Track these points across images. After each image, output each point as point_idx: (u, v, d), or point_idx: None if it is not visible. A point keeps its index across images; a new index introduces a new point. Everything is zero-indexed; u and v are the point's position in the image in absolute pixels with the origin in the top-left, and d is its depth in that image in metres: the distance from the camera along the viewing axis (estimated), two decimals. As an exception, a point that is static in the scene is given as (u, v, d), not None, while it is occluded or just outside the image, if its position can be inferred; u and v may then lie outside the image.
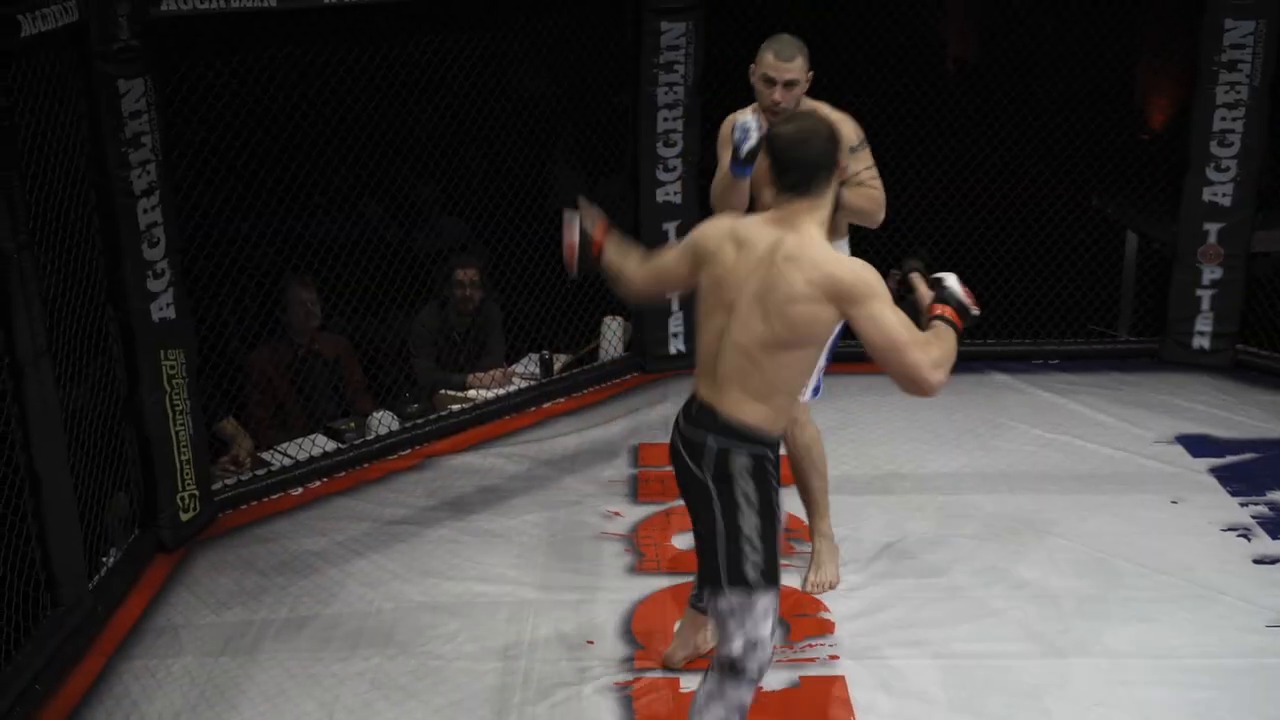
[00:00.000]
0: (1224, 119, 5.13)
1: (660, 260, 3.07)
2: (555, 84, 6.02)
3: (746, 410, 2.80)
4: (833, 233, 3.28)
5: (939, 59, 8.02)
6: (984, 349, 5.53)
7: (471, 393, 5.15)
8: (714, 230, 2.88)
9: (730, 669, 2.82)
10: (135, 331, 3.92)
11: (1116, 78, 6.94)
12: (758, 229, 2.80)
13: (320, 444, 4.70)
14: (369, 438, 4.78)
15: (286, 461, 4.60)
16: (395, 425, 4.87)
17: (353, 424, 4.80)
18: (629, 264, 3.15)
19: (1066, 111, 5.98)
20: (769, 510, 2.82)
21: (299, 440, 4.69)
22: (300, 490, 4.52)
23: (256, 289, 4.76)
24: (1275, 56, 5.08)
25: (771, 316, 2.72)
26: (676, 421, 2.95)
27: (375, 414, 4.90)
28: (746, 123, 3.43)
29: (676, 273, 2.99)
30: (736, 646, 2.81)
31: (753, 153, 3.42)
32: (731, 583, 2.80)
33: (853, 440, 4.82)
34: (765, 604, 2.81)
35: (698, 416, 2.87)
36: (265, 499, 4.45)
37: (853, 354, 3.38)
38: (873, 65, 6.06)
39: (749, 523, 2.80)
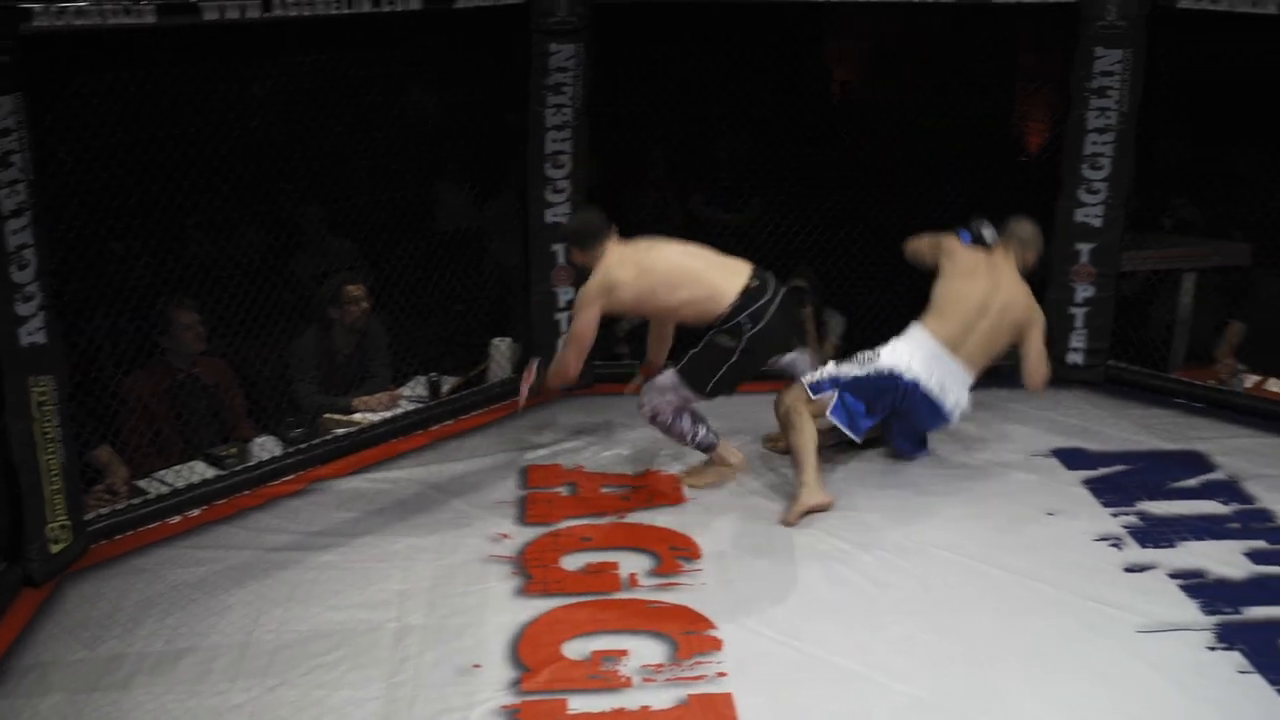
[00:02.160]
0: (1094, 143, 5.30)
1: None
2: (444, 103, 6.00)
3: None
4: None
5: (825, 85, 8.20)
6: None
7: (357, 416, 5.08)
8: None
9: None
10: (1, 357, 3.80)
11: (995, 103, 7.15)
12: None
13: (200, 471, 4.60)
14: (250, 463, 4.69)
15: (164, 489, 4.48)
16: (278, 450, 4.78)
17: (234, 450, 4.70)
18: None
19: (947, 135, 6.14)
20: None
21: (177, 467, 4.58)
22: (179, 518, 4.41)
23: (133, 313, 4.64)
24: (1142, 83, 5.27)
25: None
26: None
27: (257, 439, 4.81)
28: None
29: None
30: None
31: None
32: None
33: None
34: None
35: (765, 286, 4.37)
36: (142, 528, 4.33)
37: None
38: (760, 91, 6.16)
39: None
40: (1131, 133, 5.29)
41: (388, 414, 5.12)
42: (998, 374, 5.29)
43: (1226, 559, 4.15)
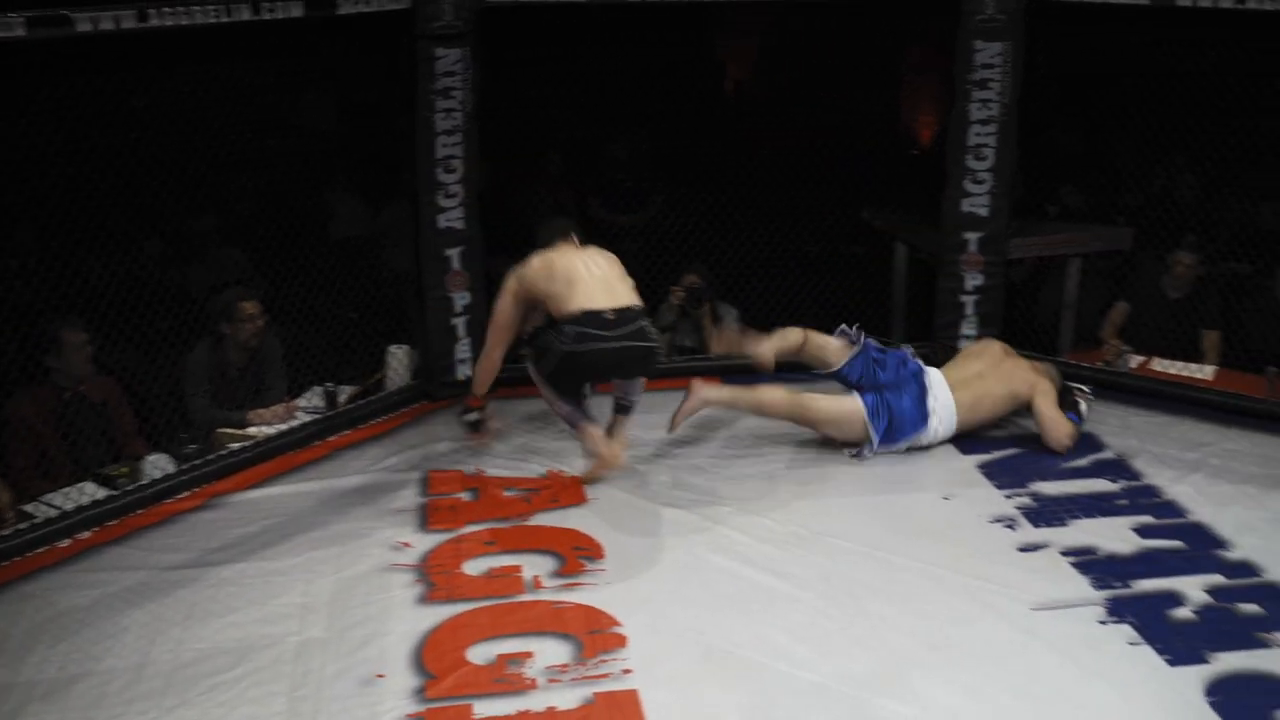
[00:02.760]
0: (978, 134, 5.42)
1: None
2: (334, 111, 5.96)
3: None
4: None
5: (718, 81, 8.28)
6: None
7: (252, 430, 5.01)
8: None
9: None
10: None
11: (884, 97, 7.28)
12: None
13: (89, 492, 4.49)
14: (143, 482, 4.59)
15: (52, 513, 4.36)
16: (171, 468, 4.69)
17: (125, 469, 4.60)
18: None
19: (840, 130, 6.25)
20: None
21: (66, 489, 4.46)
22: (69, 542, 4.30)
23: (14, 331, 4.52)
24: (1023, 75, 5.40)
25: None
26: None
27: (149, 457, 4.71)
28: None
29: None
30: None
31: None
32: None
33: (633, 456, 4.90)
34: None
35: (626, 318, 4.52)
36: (29, 554, 4.21)
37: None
38: (653, 87, 6.21)
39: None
40: (1013, 123, 5.41)
41: (284, 426, 5.05)
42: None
43: (1116, 535, 4.27)
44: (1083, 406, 5.10)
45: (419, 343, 5.47)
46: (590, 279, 4.58)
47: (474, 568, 4.10)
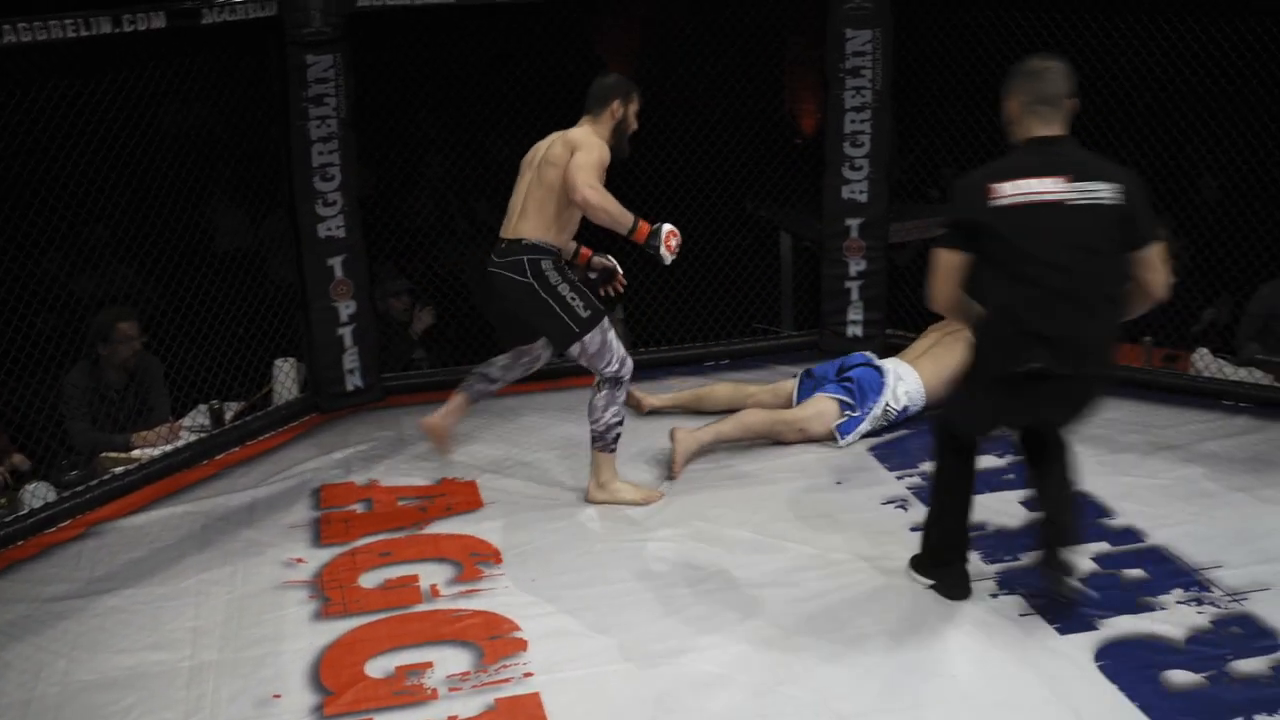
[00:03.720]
0: (854, 121, 5.51)
1: None
2: (209, 121, 5.83)
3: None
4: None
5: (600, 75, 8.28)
6: (658, 356, 5.73)
7: (136, 452, 4.90)
8: None
9: (613, 382, 4.34)
10: None
11: (766, 88, 7.33)
12: None
13: (-36, 527, 4.36)
14: (22, 512, 4.46)
15: (-76, 551, 4.24)
16: (52, 496, 4.57)
17: (1, 500, 4.47)
18: None
19: (723, 121, 6.28)
20: (571, 280, 4.29)
21: (-63, 526, 4.33)
22: (-57, 579, 4.18)
23: None
24: (894, 61, 5.49)
25: None
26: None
27: (28, 486, 4.58)
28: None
29: None
30: (611, 368, 4.30)
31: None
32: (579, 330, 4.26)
33: (521, 456, 4.92)
34: (605, 334, 4.28)
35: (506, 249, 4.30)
36: (-99, 594, 4.08)
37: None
38: (535, 83, 6.18)
39: (564, 290, 4.26)
40: (888, 109, 5.51)
41: (169, 447, 4.95)
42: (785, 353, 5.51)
43: (1004, 509, 4.36)
44: None
45: (306, 355, 5.40)
46: (513, 196, 4.42)
47: (370, 580, 4.06)
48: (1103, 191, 3.40)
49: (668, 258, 4.26)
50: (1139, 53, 5.37)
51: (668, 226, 4.25)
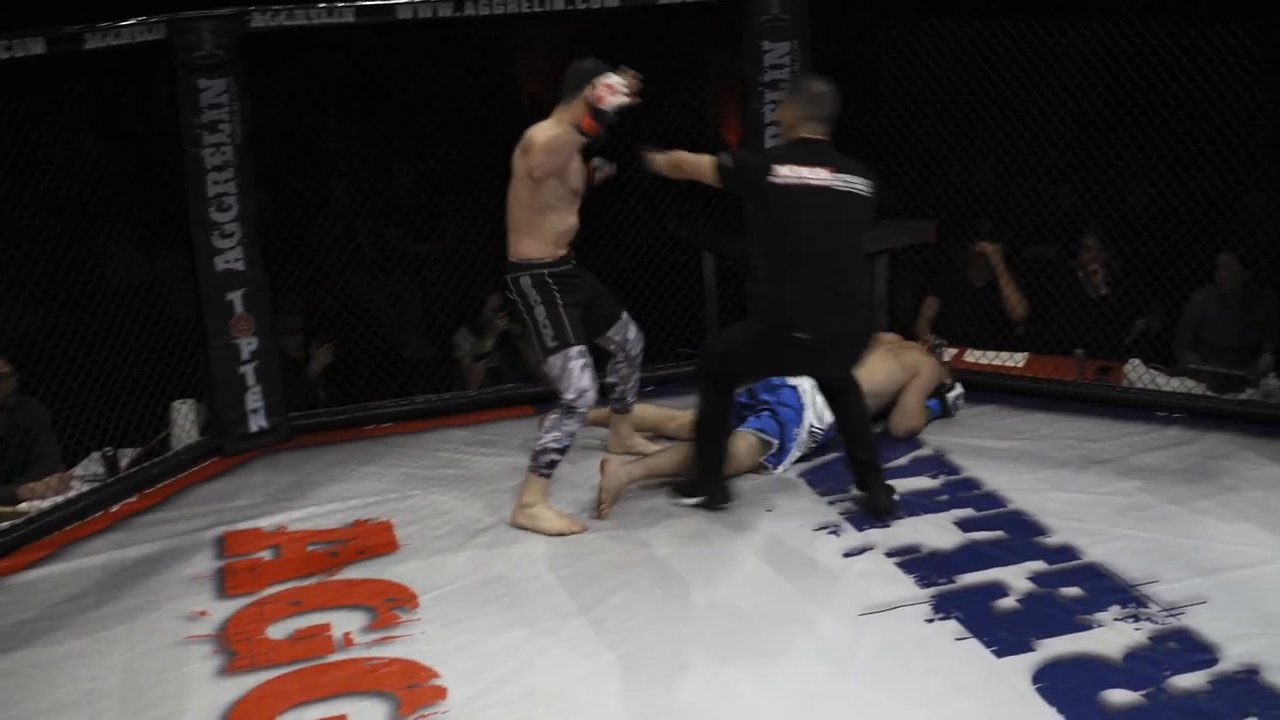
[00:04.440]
0: (773, 135, 5.56)
1: None
2: (99, 150, 5.75)
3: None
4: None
5: (514, 96, 8.30)
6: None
7: (24, 505, 4.80)
8: None
9: (566, 409, 4.43)
10: None
11: (688, 103, 7.38)
12: None
13: None
14: (-101, 574, 4.37)
15: None
16: (-68, 555, 4.48)
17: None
18: None
19: (642, 138, 6.30)
20: (552, 304, 4.44)
21: None
22: None
23: None
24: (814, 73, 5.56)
25: None
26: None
27: (-93, 546, 4.48)
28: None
29: None
30: (567, 396, 4.39)
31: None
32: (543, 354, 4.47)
33: (439, 494, 4.91)
34: (568, 362, 4.41)
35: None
36: None
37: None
38: (451, 104, 6.18)
39: (539, 314, 4.43)
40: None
41: (60, 499, 4.86)
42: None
43: (938, 531, 4.43)
44: (950, 398, 5.33)
45: (206, 395, 5.34)
46: None
47: (279, 631, 4.01)
48: (857, 184, 4.29)
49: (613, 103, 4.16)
50: (1061, 60, 5.50)
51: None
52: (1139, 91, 5.55)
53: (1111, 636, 3.72)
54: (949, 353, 5.86)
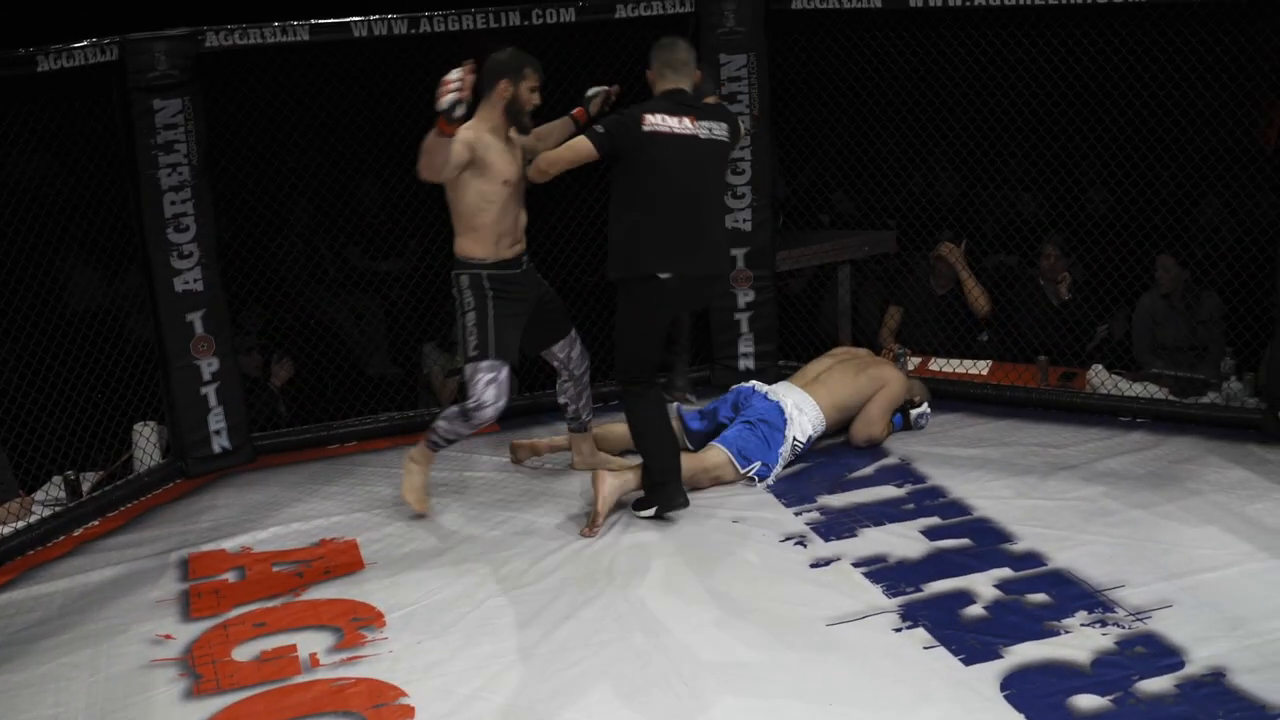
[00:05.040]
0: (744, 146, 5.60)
1: None
2: (54, 173, 5.72)
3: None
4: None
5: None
6: (547, 398, 5.73)
7: (-16, 531, 4.78)
8: None
9: (463, 413, 4.63)
10: None
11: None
12: None
13: None
14: None
15: None
16: (-109, 583, 4.45)
17: None
18: None
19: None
20: (483, 311, 4.54)
21: None
22: None
23: None
24: (770, 85, 5.62)
25: None
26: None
27: None
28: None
29: None
30: (471, 401, 4.57)
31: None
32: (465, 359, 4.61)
33: (404, 511, 4.90)
34: (477, 373, 4.55)
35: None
36: None
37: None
38: (405, 123, 6.18)
39: (469, 319, 4.56)
40: (767, 134, 5.63)
41: (21, 524, 4.84)
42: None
43: (905, 540, 4.46)
44: (914, 415, 5.37)
45: (167, 417, 5.32)
46: None
47: (244, 653, 4.01)
48: (717, 129, 4.59)
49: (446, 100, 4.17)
50: (1018, 68, 5.56)
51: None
52: (1097, 97, 5.62)
53: (1079, 642, 3.76)
54: (913, 361, 5.91)
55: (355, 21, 5.18)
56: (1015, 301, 6.11)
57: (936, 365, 5.91)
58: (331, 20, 5.18)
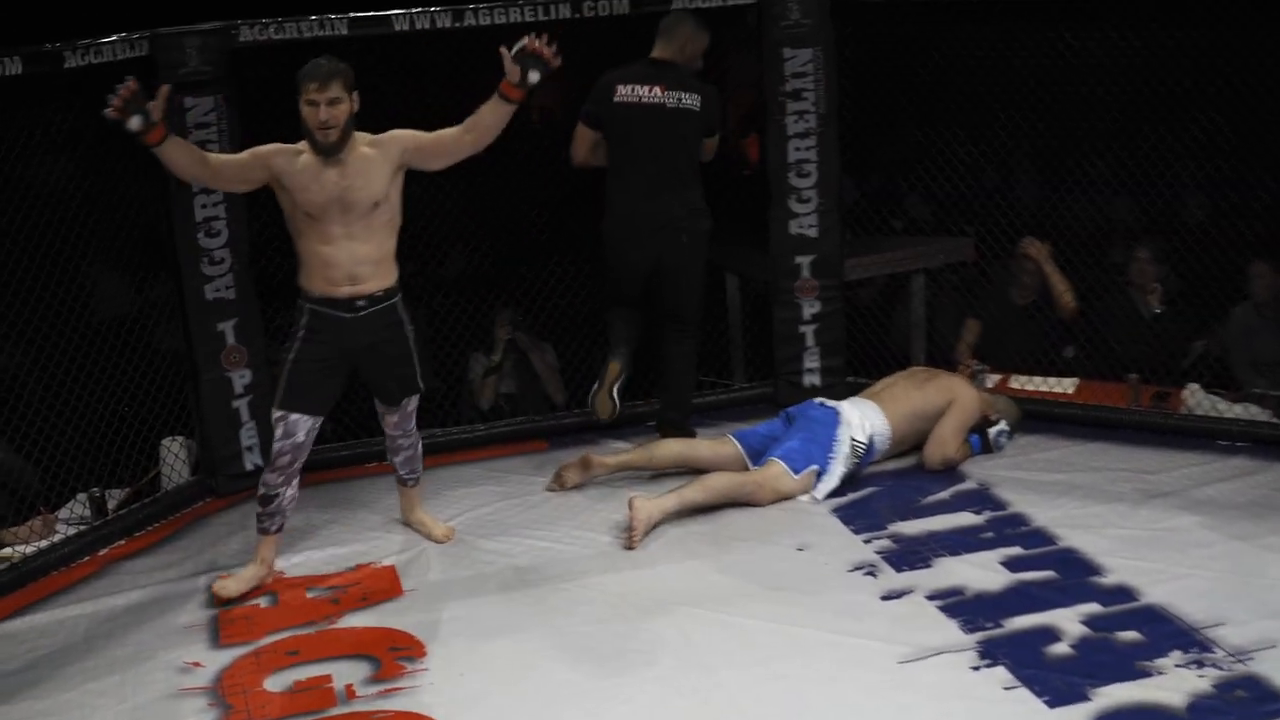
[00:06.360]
0: (798, 149, 5.60)
1: None
2: (80, 175, 5.80)
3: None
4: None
5: (524, 110, 8.34)
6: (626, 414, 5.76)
7: (6, 550, 4.84)
8: None
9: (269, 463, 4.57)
10: None
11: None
12: None
13: None
14: (-126, 625, 4.41)
15: None
16: (-91, 604, 4.52)
17: None
18: None
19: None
20: (288, 355, 4.47)
21: None
22: None
23: None
24: (838, 81, 5.60)
25: None
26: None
27: (-119, 595, 4.52)
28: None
29: None
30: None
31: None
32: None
33: (464, 532, 4.94)
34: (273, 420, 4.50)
35: None
36: None
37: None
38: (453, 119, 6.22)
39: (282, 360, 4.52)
40: (834, 134, 5.61)
41: (45, 543, 4.90)
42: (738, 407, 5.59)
43: (984, 571, 4.42)
44: (992, 434, 5.32)
45: (197, 432, 5.37)
46: None
47: (276, 683, 4.03)
48: (686, 99, 5.23)
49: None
50: (1112, 63, 5.50)
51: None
52: (1192, 97, 5.55)
53: (1174, 684, 3.70)
54: (992, 379, 5.86)
55: (396, 15, 5.22)
56: (1104, 314, 6.04)
57: (1018, 383, 5.86)
58: (371, 14, 5.23)
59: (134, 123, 4.11)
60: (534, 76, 4.21)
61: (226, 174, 4.41)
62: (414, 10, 5.26)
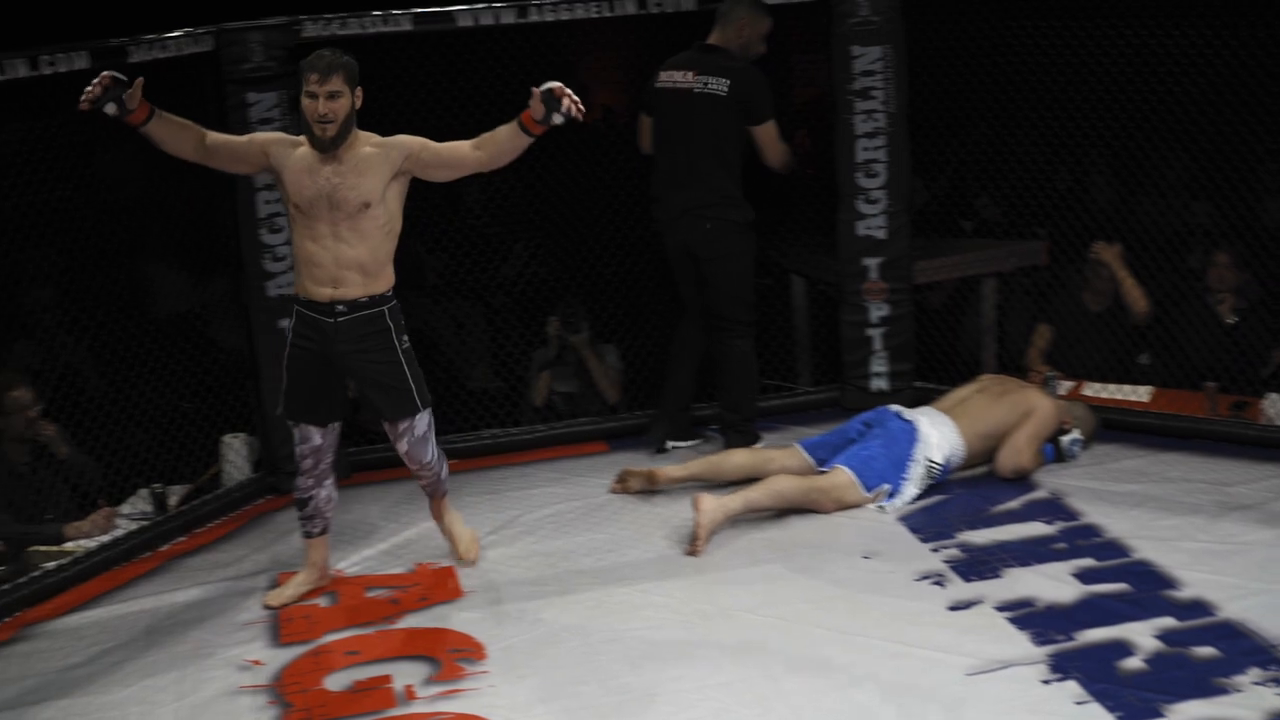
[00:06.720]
0: (866, 149, 5.59)
1: None
2: (144, 171, 5.90)
3: None
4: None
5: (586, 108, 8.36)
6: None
7: (69, 545, 4.93)
8: None
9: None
10: None
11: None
12: None
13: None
14: (-60, 619, 4.50)
15: None
16: (-27, 597, 4.60)
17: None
18: None
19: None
20: (282, 353, 4.50)
21: None
22: None
23: None
24: (909, 80, 5.58)
25: None
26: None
27: (-53, 586, 4.61)
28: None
29: None
30: None
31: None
32: None
33: (506, 536, 4.99)
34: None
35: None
36: None
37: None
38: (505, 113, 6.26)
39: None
40: (904, 133, 5.59)
41: (107, 538, 4.98)
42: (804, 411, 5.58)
43: (1055, 583, 4.38)
44: (1065, 443, 5.29)
45: (258, 429, 5.44)
46: None
47: (336, 682, 4.08)
48: (713, 83, 5.25)
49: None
50: (1191, 61, 5.44)
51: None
52: (1276, 97, 5.49)
53: (1251, 702, 3.66)
54: (1064, 386, 5.82)
55: (460, 10, 5.26)
56: (1181, 321, 5.97)
57: (1091, 390, 5.81)
58: (435, 10, 5.27)
59: (109, 109, 4.06)
60: (557, 119, 4.13)
61: (221, 154, 4.31)
62: (477, 6, 5.30)
